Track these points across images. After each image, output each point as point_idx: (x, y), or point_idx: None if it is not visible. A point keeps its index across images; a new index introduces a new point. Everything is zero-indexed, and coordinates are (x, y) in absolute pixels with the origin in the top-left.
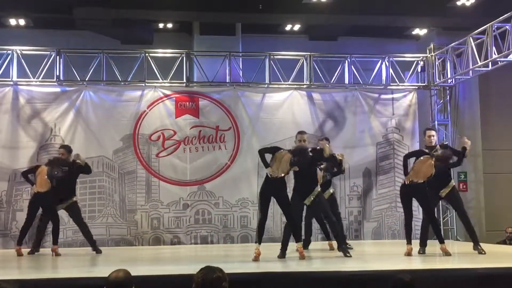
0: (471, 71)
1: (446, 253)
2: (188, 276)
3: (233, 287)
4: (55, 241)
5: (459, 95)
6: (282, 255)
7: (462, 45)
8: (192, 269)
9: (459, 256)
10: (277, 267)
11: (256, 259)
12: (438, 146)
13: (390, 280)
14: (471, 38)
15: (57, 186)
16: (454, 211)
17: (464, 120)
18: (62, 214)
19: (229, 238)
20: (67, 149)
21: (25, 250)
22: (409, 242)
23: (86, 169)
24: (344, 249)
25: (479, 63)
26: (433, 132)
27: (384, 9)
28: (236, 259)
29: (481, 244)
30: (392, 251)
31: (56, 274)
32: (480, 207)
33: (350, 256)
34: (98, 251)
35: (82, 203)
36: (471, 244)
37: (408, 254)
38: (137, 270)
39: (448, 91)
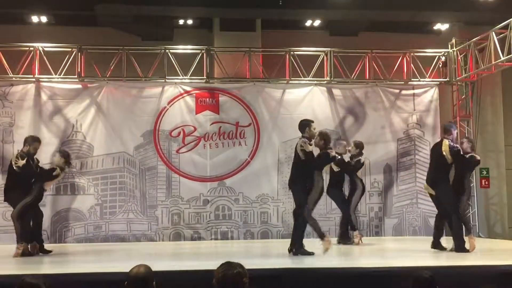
0: (493, 66)
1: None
2: (208, 271)
3: (253, 282)
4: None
5: (482, 90)
6: None
7: (484, 40)
8: (212, 264)
9: (481, 253)
10: (298, 263)
11: None
12: None
13: (411, 276)
14: (493, 33)
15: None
16: (476, 207)
17: (487, 115)
18: (84, 209)
19: (249, 234)
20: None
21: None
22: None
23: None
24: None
25: (502, 58)
26: None
27: (405, 4)
28: (257, 255)
29: (502, 240)
30: (413, 248)
31: (79, 269)
32: (503, 203)
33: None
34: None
35: (103, 199)
36: (494, 240)
37: None
38: (158, 266)
39: (470, 87)
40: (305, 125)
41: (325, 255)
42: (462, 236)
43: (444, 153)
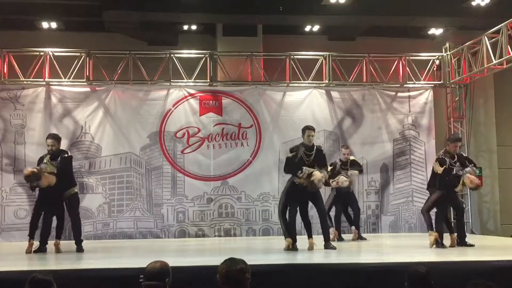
0: (485, 69)
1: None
2: (212, 267)
3: (255, 278)
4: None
5: (474, 92)
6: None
7: (477, 44)
8: (216, 260)
9: (475, 249)
10: (297, 259)
11: None
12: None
13: (406, 271)
14: (485, 37)
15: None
16: (470, 205)
17: (479, 117)
18: (92, 207)
19: (251, 231)
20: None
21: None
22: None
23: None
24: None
25: (494, 62)
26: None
27: (401, 9)
28: (258, 251)
29: (494, 237)
30: (409, 244)
31: (88, 265)
32: (495, 202)
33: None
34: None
35: (111, 197)
36: (487, 237)
37: None
38: None
39: (463, 89)
40: (302, 130)
41: (325, 252)
42: (442, 233)
43: (433, 165)
